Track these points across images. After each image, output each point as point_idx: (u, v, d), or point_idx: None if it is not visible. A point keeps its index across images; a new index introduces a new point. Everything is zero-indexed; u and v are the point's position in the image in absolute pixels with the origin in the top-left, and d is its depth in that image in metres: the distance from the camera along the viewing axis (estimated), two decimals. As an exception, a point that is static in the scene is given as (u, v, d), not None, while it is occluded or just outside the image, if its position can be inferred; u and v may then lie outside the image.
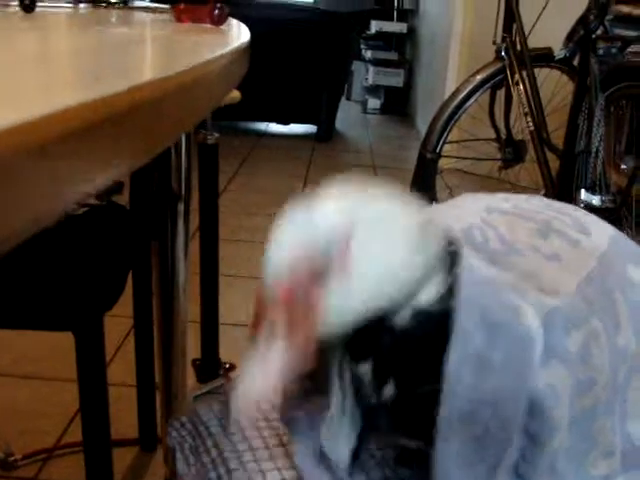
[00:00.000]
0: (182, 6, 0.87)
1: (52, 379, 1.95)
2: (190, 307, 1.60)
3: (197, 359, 2.07)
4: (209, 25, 0.81)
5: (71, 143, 0.26)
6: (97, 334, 1.01)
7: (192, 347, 2.01)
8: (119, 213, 1.25)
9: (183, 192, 1.37)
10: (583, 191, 2.32)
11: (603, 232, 0.74)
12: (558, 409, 0.60)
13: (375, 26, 6.54)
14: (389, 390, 0.61)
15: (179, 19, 0.88)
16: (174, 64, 0.42)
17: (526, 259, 0.65)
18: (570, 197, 2.39)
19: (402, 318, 0.59)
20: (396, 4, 6.76)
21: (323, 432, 0.68)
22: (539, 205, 0.76)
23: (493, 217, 0.70)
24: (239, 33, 0.81)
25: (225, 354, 2.09)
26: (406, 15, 6.79)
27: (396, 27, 6.66)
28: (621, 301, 0.68)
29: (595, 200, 2.29)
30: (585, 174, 2.32)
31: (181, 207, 1.37)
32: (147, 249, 1.33)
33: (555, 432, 0.61)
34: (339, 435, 0.68)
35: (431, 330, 0.59)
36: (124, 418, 1.67)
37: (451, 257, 0.60)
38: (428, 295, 0.59)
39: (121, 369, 1.97)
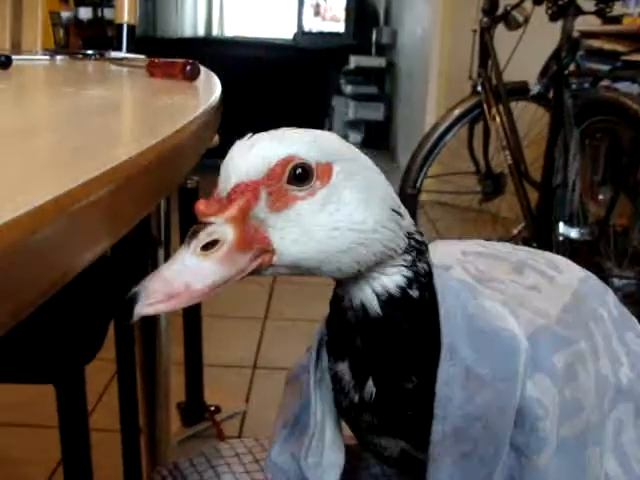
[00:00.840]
0: (156, 61, 0.89)
1: (35, 426, 1.93)
2: (174, 349, 1.60)
3: (182, 402, 2.06)
4: (182, 80, 0.82)
5: (48, 235, 0.27)
6: (78, 386, 1.01)
7: (177, 390, 2.00)
8: (99, 261, 1.25)
9: (163, 238, 1.38)
10: (561, 224, 2.35)
11: (574, 271, 0.75)
12: (545, 421, 0.60)
13: (354, 61, 6.60)
14: (369, 388, 0.59)
15: (152, 74, 0.89)
16: (147, 135, 0.43)
17: (507, 286, 0.67)
18: (549, 229, 2.41)
19: (373, 306, 0.56)
20: (374, 39, 6.82)
21: (304, 457, 0.66)
22: (511, 248, 0.78)
23: (469, 258, 0.71)
24: (211, 88, 0.82)
25: (210, 396, 2.08)
26: (384, 50, 6.86)
27: (375, 62, 6.71)
28: (596, 332, 0.69)
29: (573, 233, 2.31)
30: (563, 207, 2.34)
31: (161, 253, 1.38)
32: (128, 296, 1.33)
33: (543, 446, 0.61)
34: (323, 457, 0.67)
35: (402, 321, 0.57)
36: (108, 464, 1.65)
37: (418, 248, 0.57)
38: (396, 280, 0.56)
39: (105, 414, 1.96)
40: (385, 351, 0.58)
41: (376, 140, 6.63)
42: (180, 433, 1.97)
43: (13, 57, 0.99)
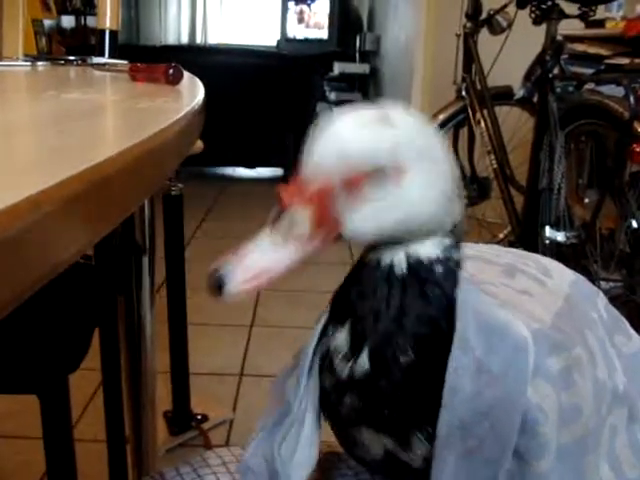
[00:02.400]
0: (138, 66, 0.88)
1: (20, 437, 1.91)
2: (160, 358, 1.59)
3: (168, 411, 2.04)
4: (164, 84, 0.81)
5: (24, 234, 0.26)
6: (62, 396, 1.00)
7: (163, 398, 1.98)
8: (83, 270, 1.24)
9: (147, 245, 1.37)
10: (547, 227, 2.34)
11: (564, 275, 0.75)
12: (545, 426, 0.60)
13: (338, 68, 6.62)
14: (363, 360, 0.59)
15: (135, 79, 0.88)
16: (127, 137, 0.42)
17: (499, 290, 0.66)
18: (535, 233, 2.41)
19: (401, 263, 0.58)
20: (358, 46, 6.84)
21: (278, 444, 0.65)
22: (500, 250, 0.77)
23: None
24: (194, 92, 0.81)
25: (197, 405, 2.06)
26: (368, 56, 6.88)
27: (359, 68, 6.74)
28: (591, 338, 0.69)
29: (560, 236, 2.31)
30: (549, 211, 2.34)
31: (145, 260, 1.37)
32: (113, 304, 1.31)
33: (543, 451, 0.60)
34: (296, 450, 0.66)
35: (420, 287, 0.58)
36: (95, 474, 1.63)
37: (457, 241, 0.60)
38: (429, 252, 0.58)
39: (91, 424, 1.94)
40: (395, 318, 0.58)
41: (361, 146, 6.63)
42: (167, 442, 1.96)
43: (-7, 63, 0.97)
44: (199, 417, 2.03)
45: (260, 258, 0.51)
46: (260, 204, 4.76)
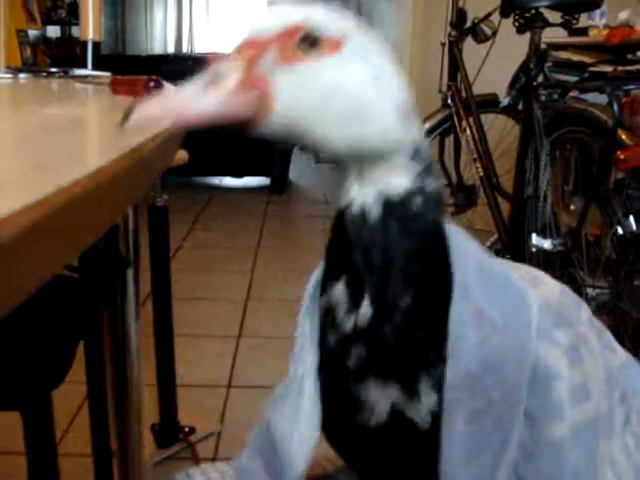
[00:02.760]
0: (119, 78, 0.87)
1: (3, 453, 1.89)
2: (147, 370, 1.57)
3: (155, 424, 2.02)
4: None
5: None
6: (45, 412, 0.99)
7: (150, 411, 1.97)
8: (66, 283, 1.23)
9: (132, 257, 1.36)
10: (534, 235, 2.35)
11: (552, 283, 0.75)
12: (560, 382, 0.59)
13: (324, 76, 6.62)
14: (365, 309, 0.58)
15: (116, 91, 0.88)
16: (107, 152, 0.42)
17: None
18: (522, 241, 2.42)
19: (372, 209, 0.57)
20: (344, 54, 6.85)
21: (275, 413, 0.66)
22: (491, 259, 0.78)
23: None
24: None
25: (185, 417, 2.05)
26: (354, 65, 6.89)
27: (345, 77, 6.75)
28: (587, 332, 0.69)
29: (546, 244, 2.31)
30: (535, 218, 2.35)
31: (130, 273, 1.36)
32: (97, 318, 1.30)
33: (558, 413, 0.60)
34: (296, 422, 0.65)
35: (399, 229, 0.57)
36: (81, 490, 1.62)
37: (426, 165, 0.59)
38: (400, 182, 0.58)
39: (77, 438, 1.92)
40: (383, 261, 0.57)
41: (348, 154, 6.63)
42: (155, 455, 1.94)
43: (-27, 76, 0.97)
44: (187, 430, 2.02)
45: (176, 99, 0.49)
46: (247, 213, 4.76)
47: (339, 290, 0.60)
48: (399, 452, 0.64)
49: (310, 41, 0.53)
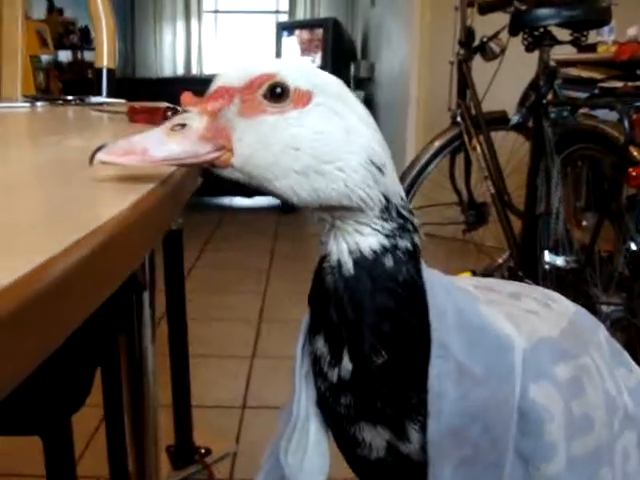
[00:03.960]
0: (137, 107, 0.89)
1: (22, 475, 1.90)
2: (162, 391, 1.58)
3: (171, 445, 2.03)
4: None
5: (33, 305, 0.26)
6: (65, 437, 0.99)
7: (166, 432, 1.97)
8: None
9: (148, 281, 1.37)
10: (547, 252, 2.35)
11: (568, 305, 0.76)
12: (551, 424, 0.60)
13: (333, 96, 6.63)
14: (346, 364, 0.59)
15: (133, 120, 0.89)
16: (130, 192, 0.43)
17: (507, 307, 0.67)
18: (535, 258, 2.42)
19: (347, 263, 0.57)
20: (352, 73, 6.88)
21: (284, 452, 0.67)
22: (503, 281, 0.78)
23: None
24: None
25: (200, 438, 2.05)
26: (363, 84, 6.91)
27: (354, 95, 6.76)
28: (597, 354, 0.70)
29: (559, 261, 2.31)
30: (547, 235, 2.35)
31: (146, 296, 1.37)
32: (114, 343, 1.31)
33: (551, 453, 0.60)
34: (305, 458, 0.67)
35: (372, 285, 0.57)
36: (98, 513, 1.62)
37: (402, 224, 0.58)
38: (371, 242, 0.57)
39: (94, 460, 1.93)
40: (355, 318, 0.58)
41: (358, 173, 6.64)
42: (170, 477, 1.94)
43: (-7, 105, 0.98)
44: (202, 451, 2.02)
45: (141, 141, 0.50)
46: (258, 233, 4.77)
47: (320, 343, 0.61)
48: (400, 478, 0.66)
49: (277, 93, 0.53)
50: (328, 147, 0.53)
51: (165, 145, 0.50)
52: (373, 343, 0.58)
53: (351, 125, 0.55)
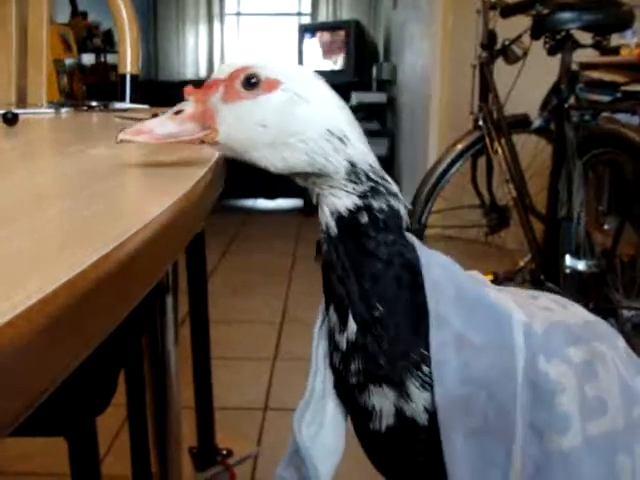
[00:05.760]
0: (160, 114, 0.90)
1: (47, 475, 1.93)
2: (184, 392, 1.60)
3: (193, 447, 2.05)
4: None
5: (62, 320, 0.27)
6: (90, 438, 1.01)
7: (188, 434, 1.99)
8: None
9: (171, 284, 1.38)
10: (568, 256, 2.34)
11: (586, 312, 0.77)
12: (562, 395, 0.63)
13: (355, 98, 6.64)
14: (351, 326, 0.65)
15: (158, 128, 0.90)
16: (155, 203, 0.44)
17: (522, 300, 0.70)
18: (556, 261, 2.41)
19: (331, 224, 0.65)
20: (375, 75, 6.88)
21: (298, 420, 0.71)
22: (522, 290, 0.80)
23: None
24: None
25: (222, 440, 2.07)
26: (385, 86, 6.91)
27: (376, 97, 6.75)
28: (612, 351, 0.71)
29: (581, 265, 2.31)
30: (569, 239, 2.34)
31: (169, 299, 1.38)
32: (138, 344, 1.33)
33: (565, 425, 0.63)
34: (321, 432, 0.71)
35: (355, 240, 0.64)
36: (122, 513, 1.64)
37: (373, 186, 0.65)
38: (345, 203, 0.65)
39: (117, 460, 1.95)
40: (346, 275, 0.65)
41: (380, 175, 6.63)
42: (192, 478, 1.96)
43: (19, 112, 1.00)
44: (224, 452, 2.04)
45: (149, 124, 0.64)
46: (281, 235, 4.79)
47: (331, 313, 0.68)
48: (411, 453, 0.68)
49: (252, 82, 0.63)
50: (290, 123, 0.63)
51: (165, 126, 0.64)
52: (365, 298, 0.64)
53: (312, 105, 0.64)
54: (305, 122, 0.63)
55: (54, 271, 0.28)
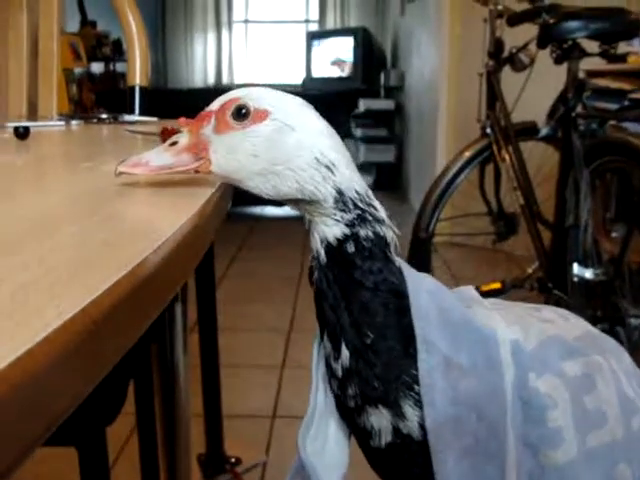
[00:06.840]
0: (170, 129, 0.91)
1: (57, 483, 1.93)
2: (193, 400, 1.60)
3: (202, 454, 2.05)
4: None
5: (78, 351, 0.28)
6: (100, 448, 1.02)
7: (196, 442, 2.00)
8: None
9: (180, 293, 1.39)
10: (576, 265, 2.34)
11: (589, 325, 0.78)
12: (554, 411, 0.64)
13: (363, 104, 6.65)
14: (344, 352, 0.67)
15: (165, 141, 0.91)
16: (167, 224, 0.44)
17: (522, 315, 0.71)
18: (564, 269, 2.41)
19: (321, 252, 0.67)
20: (382, 82, 6.89)
21: (302, 438, 0.72)
22: (520, 303, 0.81)
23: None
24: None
25: (230, 447, 2.07)
26: (393, 92, 6.93)
27: (384, 104, 6.77)
28: (615, 363, 0.72)
29: (588, 273, 2.31)
30: (576, 248, 2.34)
31: (179, 308, 1.39)
32: (147, 353, 1.34)
33: (557, 439, 0.64)
34: (325, 451, 0.72)
35: (343, 269, 0.66)
36: (131, 521, 1.65)
37: (360, 215, 0.66)
38: (334, 232, 0.66)
39: (126, 467, 1.96)
40: (336, 304, 0.66)
41: (387, 182, 6.66)
42: (201, 486, 1.97)
43: (30, 125, 1.02)
44: (233, 460, 2.04)
45: (146, 156, 0.66)
46: (288, 242, 4.80)
47: (326, 341, 0.69)
48: (409, 465, 0.70)
49: (242, 113, 0.65)
50: (279, 152, 0.64)
51: (162, 158, 0.66)
52: (356, 326, 0.66)
53: (300, 134, 0.65)
54: (293, 151, 0.64)
55: (71, 298, 0.29)
